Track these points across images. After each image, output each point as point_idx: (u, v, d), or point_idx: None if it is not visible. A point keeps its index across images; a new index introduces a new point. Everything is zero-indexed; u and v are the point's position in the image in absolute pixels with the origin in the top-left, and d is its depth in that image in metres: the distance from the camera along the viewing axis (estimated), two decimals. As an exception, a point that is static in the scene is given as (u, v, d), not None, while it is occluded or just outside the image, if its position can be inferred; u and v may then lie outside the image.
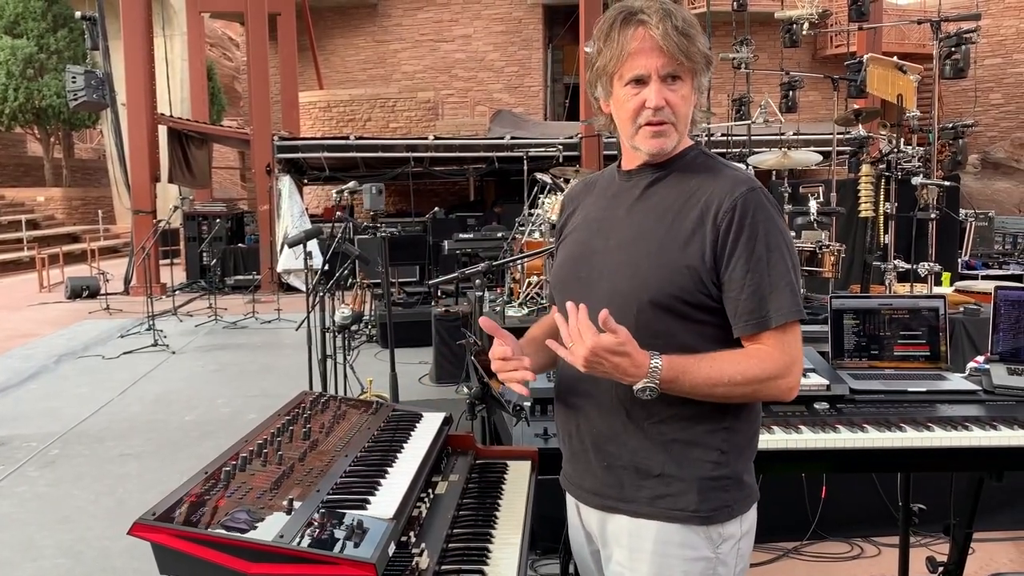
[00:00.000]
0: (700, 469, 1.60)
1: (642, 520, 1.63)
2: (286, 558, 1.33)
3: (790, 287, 1.56)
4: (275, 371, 8.34)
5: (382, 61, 22.22)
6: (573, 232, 1.79)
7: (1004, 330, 2.67)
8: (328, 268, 5.20)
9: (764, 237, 1.54)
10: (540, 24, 21.93)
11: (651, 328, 1.58)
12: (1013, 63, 22.09)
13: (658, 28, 1.55)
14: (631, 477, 1.64)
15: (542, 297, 6.67)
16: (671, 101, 1.58)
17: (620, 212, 1.68)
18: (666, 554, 1.62)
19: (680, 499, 1.60)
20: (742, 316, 1.56)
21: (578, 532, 1.82)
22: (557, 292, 1.79)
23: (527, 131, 17.21)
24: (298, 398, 2.11)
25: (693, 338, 1.59)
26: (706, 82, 1.62)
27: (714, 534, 1.61)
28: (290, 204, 14.20)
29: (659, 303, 1.57)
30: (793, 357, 1.56)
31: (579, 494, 1.76)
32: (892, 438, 2.21)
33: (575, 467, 1.76)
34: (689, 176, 1.63)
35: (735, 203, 1.55)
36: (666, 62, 1.56)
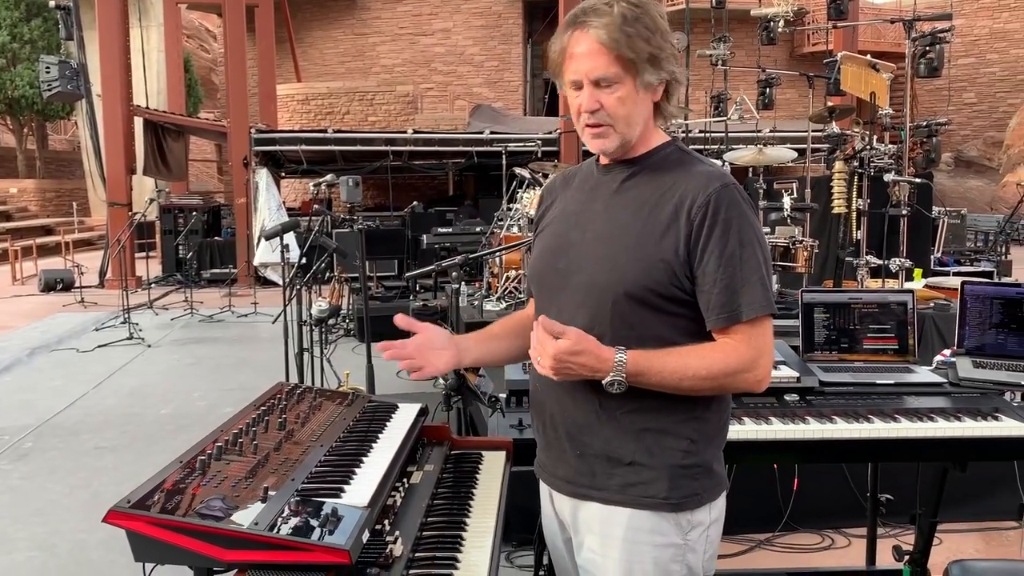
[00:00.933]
0: (671, 457, 1.64)
1: (613, 507, 1.66)
2: (261, 545, 1.35)
3: (761, 282, 1.59)
4: (252, 365, 8.31)
5: (361, 54, 22.14)
6: (551, 224, 1.81)
7: (970, 325, 2.73)
8: (305, 261, 5.19)
9: (737, 233, 1.57)
10: (520, 19, 21.93)
11: (626, 320, 1.61)
12: (986, 63, 22.39)
13: (590, 32, 1.56)
14: (603, 465, 1.67)
15: (520, 291, 6.71)
16: (605, 104, 1.59)
17: (597, 205, 1.71)
18: (636, 540, 1.65)
19: (651, 487, 1.64)
20: (714, 310, 1.58)
21: (551, 520, 1.85)
22: (534, 284, 1.82)
23: (506, 126, 17.23)
24: (274, 389, 2.12)
25: (667, 330, 1.62)
26: (655, 80, 1.60)
27: (683, 521, 1.65)
28: (267, 197, 14.12)
29: (634, 296, 1.60)
30: (760, 350, 1.58)
31: (552, 482, 1.79)
32: (860, 429, 2.25)
33: (549, 455, 1.79)
34: (665, 171, 1.66)
35: (708, 199, 1.58)
36: (594, 66, 1.57)
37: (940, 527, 3.63)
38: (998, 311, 2.71)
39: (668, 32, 1.62)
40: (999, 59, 22.51)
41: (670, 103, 1.68)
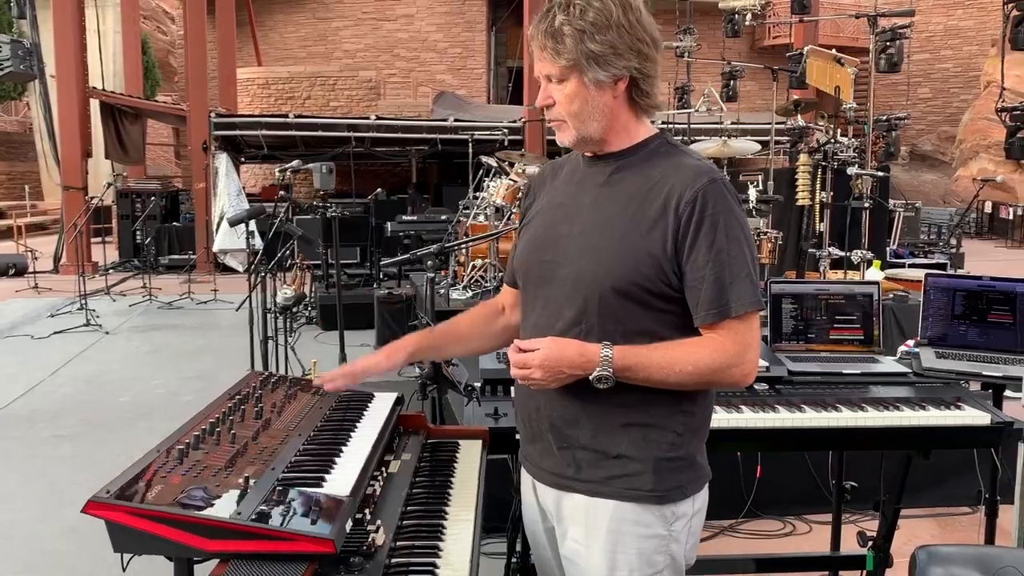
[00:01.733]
0: (657, 450, 1.65)
1: (598, 499, 1.68)
2: (244, 534, 1.34)
3: (749, 277, 1.60)
4: (212, 352, 8.21)
5: (322, 39, 21.86)
6: (538, 215, 1.81)
7: (933, 316, 2.80)
8: (269, 248, 5.14)
9: (724, 228, 1.58)
10: (484, 6, 21.83)
11: (613, 314, 1.62)
12: (940, 59, 22.81)
13: (531, 34, 1.63)
14: (589, 458, 1.68)
15: (486, 280, 6.71)
16: (557, 100, 1.64)
17: (585, 198, 1.71)
18: (621, 531, 1.66)
19: (637, 479, 1.65)
20: (703, 306, 1.59)
21: (533, 510, 1.86)
22: (520, 275, 1.81)
23: (470, 114, 17.15)
24: (247, 378, 2.10)
25: (654, 325, 1.62)
26: (604, 76, 1.60)
27: (667, 512, 1.67)
28: (227, 183, 13.93)
29: (621, 290, 1.61)
30: (746, 346, 1.59)
31: (537, 473, 1.80)
32: (828, 418, 2.30)
33: (534, 447, 1.79)
34: (653, 165, 1.66)
35: (696, 194, 1.58)
36: (540, 65, 1.64)
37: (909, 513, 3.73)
38: (960, 303, 2.78)
39: (633, 25, 1.59)
40: (953, 55, 22.95)
41: (644, 96, 1.67)
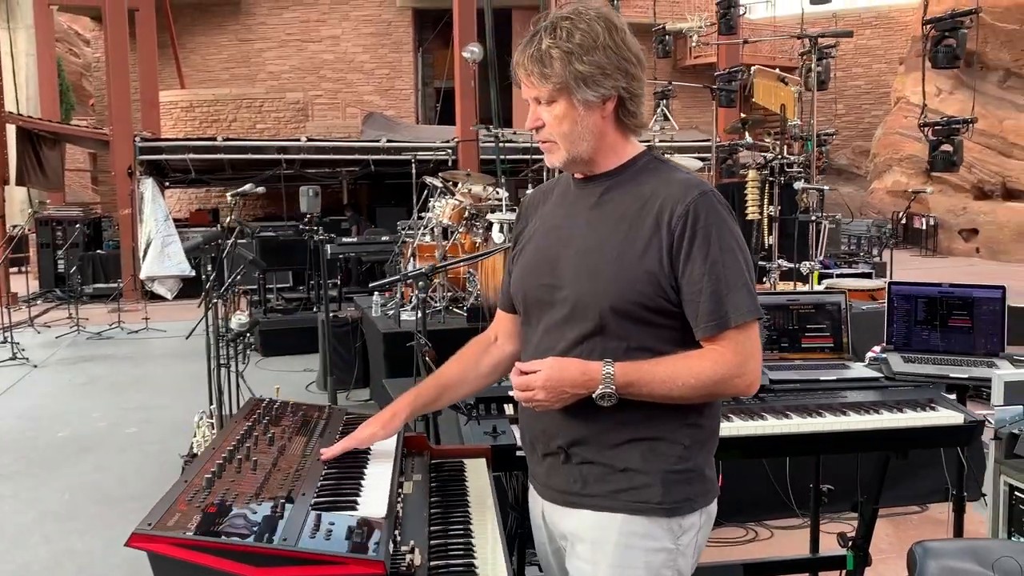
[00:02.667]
0: (664, 463, 1.66)
1: (606, 513, 1.68)
2: (294, 560, 1.33)
3: (746, 287, 1.62)
4: (150, 382, 7.98)
5: (246, 60, 21.53)
6: (532, 240, 1.82)
7: (897, 322, 2.93)
8: (219, 273, 5.04)
9: (717, 240, 1.60)
10: (410, 27, 21.83)
11: (614, 333, 1.64)
12: (852, 76, 23.75)
13: (517, 60, 1.67)
14: (597, 472, 1.68)
15: (435, 301, 6.69)
16: (546, 121, 1.67)
17: (579, 220, 1.72)
18: (630, 545, 1.66)
19: (645, 491, 1.65)
20: (702, 318, 1.61)
21: (540, 531, 1.86)
22: (519, 300, 1.82)
23: (400, 134, 17.12)
24: (249, 405, 2.07)
25: (655, 341, 1.64)
26: (593, 96, 1.62)
27: (675, 526, 1.67)
28: (153, 208, 13.57)
29: (620, 309, 1.62)
30: (747, 355, 1.61)
31: (545, 492, 1.80)
32: (813, 423, 2.38)
33: (541, 467, 1.80)
34: (642, 182, 1.68)
35: (688, 208, 1.60)
36: (527, 88, 1.67)
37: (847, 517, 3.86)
38: (922, 309, 2.92)
39: (619, 46, 1.62)
40: (863, 73, 23.93)
41: (631, 116, 1.70)
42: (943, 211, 18.38)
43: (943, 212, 18.39)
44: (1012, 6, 17.42)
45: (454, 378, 1.96)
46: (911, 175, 19.23)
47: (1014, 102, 17.98)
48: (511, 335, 1.96)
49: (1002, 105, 17.70)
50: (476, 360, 1.98)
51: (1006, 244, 17.24)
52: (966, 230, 18.20)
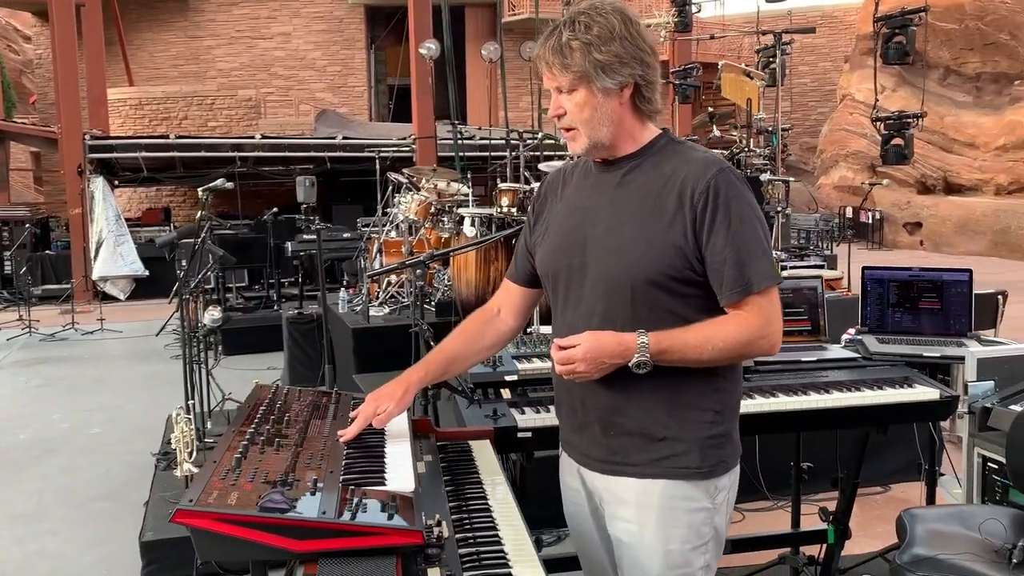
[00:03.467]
0: (699, 430, 1.77)
1: (648, 480, 1.79)
2: (335, 532, 1.37)
3: (766, 255, 1.74)
4: (110, 383, 7.86)
5: (195, 57, 21.19)
6: (555, 220, 1.91)
7: (871, 305, 3.05)
8: (188, 269, 5.01)
9: (738, 212, 1.71)
10: (362, 24, 21.70)
11: (645, 304, 1.74)
12: (798, 74, 24.23)
13: (538, 52, 1.76)
14: (637, 443, 1.79)
15: (402, 296, 6.71)
16: (568, 109, 1.76)
17: (603, 200, 1.82)
18: (673, 507, 1.78)
19: (684, 458, 1.77)
20: (727, 286, 1.72)
21: (577, 495, 1.95)
22: (548, 280, 1.91)
23: (355, 131, 17.03)
24: (256, 392, 2.09)
25: (683, 310, 1.74)
26: (612, 84, 1.72)
27: (711, 487, 1.80)
28: (104, 207, 13.33)
29: (652, 280, 1.73)
30: (770, 318, 1.74)
31: (586, 461, 1.89)
32: (799, 401, 2.49)
33: (580, 437, 1.88)
34: (663, 161, 1.78)
35: (708, 184, 1.71)
36: (548, 79, 1.77)
37: (814, 498, 4.00)
38: (894, 292, 3.04)
39: (635, 36, 1.73)
40: (809, 71, 24.47)
41: (647, 102, 1.80)
42: (888, 205, 18.89)
43: (888, 206, 18.91)
44: (951, 6, 17.99)
45: (460, 351, 2.03)
46: (857, 170, 19.73)
47: (954, 99, 18.58)
48: (515, 310, 2.06)
49: (942, 102, 18.27)
50: (480, 334, 2.06)
51: (948, 236, 17.80)
52: (910, 223, 18.74)
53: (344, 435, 1.80)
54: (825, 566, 3.05)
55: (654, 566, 1.79)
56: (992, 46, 17.77)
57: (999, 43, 17.59)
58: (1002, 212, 16.78)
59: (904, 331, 3.02)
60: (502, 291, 2.10)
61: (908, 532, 2.06)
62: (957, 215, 17.69)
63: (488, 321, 2.08)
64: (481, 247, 4.76)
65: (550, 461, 2.13)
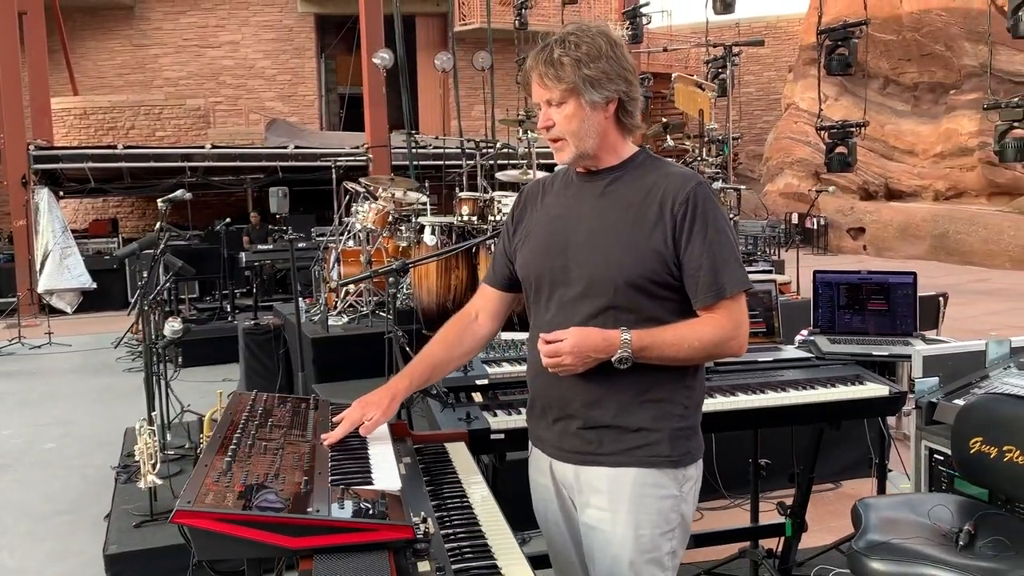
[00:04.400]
0: (671, 422, 1.89)
1: (621, 468, 1.89)
2: (329, 529, 1.43)
3: (738, 262, 1.87)
4: (62, 397, 7.72)
5: (141, 66, 20.89)
6: (537, 226, 2.01)
7: (822, 307, 3.19)
8: (149, 280, 4.98)
9: (714, 222, 1.84)
10: (312, 33, 21.61)
11: (626, 306, 1.85)
12: (744, 83, 24.71)
13: (531, 65, 1.88)
14: (612, 434, 1.89)
15: (361, 305, 6.73)
16: (556, 120, 1.88)
17: (585, 208, 1.93)
18: (644, 495, 1.88)
19: (655, 447, 1.88)
20: (701, 290, 1.84)
21: (546, 490, 2.03)
22: (530, 283, 2.00)
23: (306, 140, 16.94)
24: (238, 399, 2.13)
25: (660, 312, 1.86)
26: (599, 98, 1.84)
27: (680, 476, 1.91)
28: (50, 219, 13.08)
29: (633, 284, 1.84)
30: (739, 321, 1.87)
31: (557, 453, 1.98)
32: (757, 399, 2.60)
33: (552, 431, 1.98)
34: (644, 175, 1.91)
35: (688, 196, 1.84)
36: (539, 92, 1.89)
37: (772, 494, 4.13)
38: (843, 295, 3.19)
39: (619, 57, 1.86)
40: (755, 81, 25.00)
41: (630, 117, 1.93)
42: (832, 211, 19.38)
43: (832, 212, 19.40)
44: (889, 18, 18.56)
45: (441, 358, 2.11)
46: (802, 177, 20.20)
47: (893, 108, 19.15)
48: (493, 314, 2.15)
49: (882, 111, 18.82)
50: (459, 339, 2.13)
51: (890, 241, 18.32)
52: (854, 229, 19.25)
53: (328, 438, 1.86)
54: (783, 558, 3.17)
55: (625, 550, 1.89)
56: (928, 57, 18.38)
57: (935, 54, 18.19)
58: (940, 217, 17.34)
59: (854, 331, 3.17)
60: (479, 296, 2.18)
61: (863, 520, 2.18)
62: (898, 220, 18.22)
63: (467, 326, 2.16)
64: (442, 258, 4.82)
65: (522, 464, 2.21)
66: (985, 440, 2.15)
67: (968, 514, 2.16)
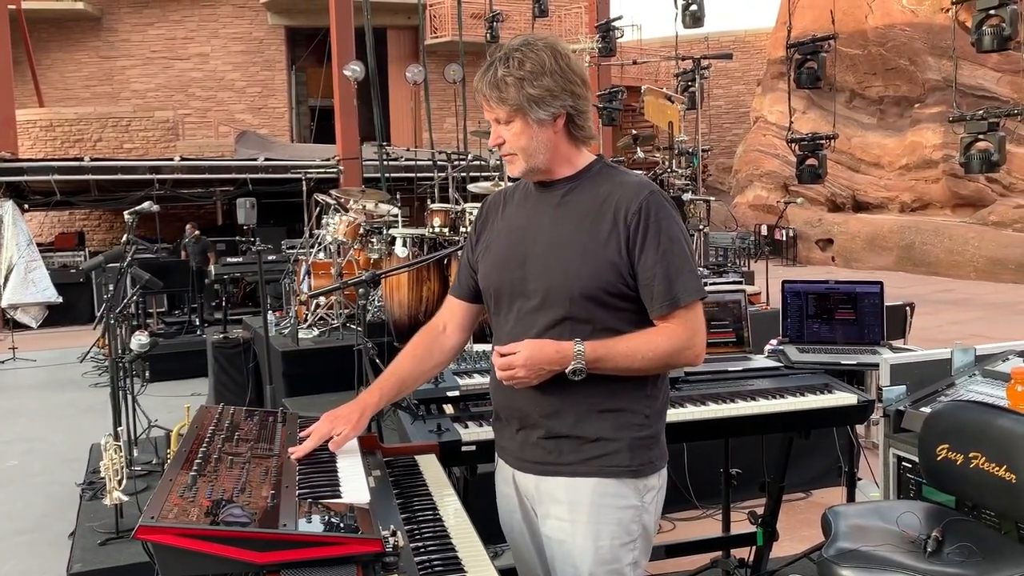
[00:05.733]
0: (630, 431, 1.88)
1: (580, 478, 1.88)
2: (297, 544, 1.41)
3: (692, 271, 1.87)
4: (26, 413, 7.59)
5: (108, 78, 20.69)
6: (496, 237, 2.01)
7: (791, 316, 3.21)
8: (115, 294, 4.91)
9: (667, 231, 1.84)
10: (283, 45, 21.54)
11: (582, 317, 1.85)
12: (713, 97, 24.95)
13: (477, 86, 1.89)
14: (571, 444, 1.88)
15: (332, 318, 6.68)
16: (506, 138, 1.89)
17: (543, 219, 1.93)
18: (603, 504, 1.87)
19: (615, 456, 1.87)
20: (656, 300, 1.84)
21: (510, 501, 2.03)
22: (490, 293, 2.00)
23: (276, 153, 16.85)
24: (202, 413, 2.09)
25: (616, 322, 1.86)
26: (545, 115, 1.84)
27: (641, 486, 1.90)
28: (15, 232, 12.86)
29: (588, 295, 1.84)
30: (695, 330, 1.86)
31: (519, 464, 1.97)
32: (728, 409, 2.61)
33: (514, 442, 1.97)
34: (598, 184, 1.91)
35: (640, 205, 1.84)
36: (487, 111, 1.90)
37: (742, 504, 4.15)
38: (812, 304, 3.21)
39: (564, 70, 1.85)
40: (724, 94, 25.27)
41: (580, 129, 1.93)
42: (801, 223, 19.60)
43: (801, 224, 19.61)
44: (855, 32, 18.85)
45: (411, 372, 2.10)
46: (771, 189, 20.41)
47: (860, 121, 19.43)
48: (460, 326, 2.14)
49: (849, 124, 19.08)
50: (428, 353, 2.12)
51: (858, 252, 18.55)
52: (822, 240, 19.47)
53: (296, 452, 1.83)
54: (755, 568, 3.18)
55: (585, 562, 1.88)
56: (893, 71, 18.68)
57: (899, 68, 18.50)
58: (906, 229, 17.59)
59: (822, 341, 3.19)
60: (445, 308, 2.17)
61: (832, 528, 2.19)
62: (865, 232, 18.46)
63: (435, 339, 2.14)
64: (413, 269, 4.80)
65: (493, 476, 2.20)
66: (952, 447, 2.18)
67: (936, 521, 2.18)
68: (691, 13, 8.24)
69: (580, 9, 21.69)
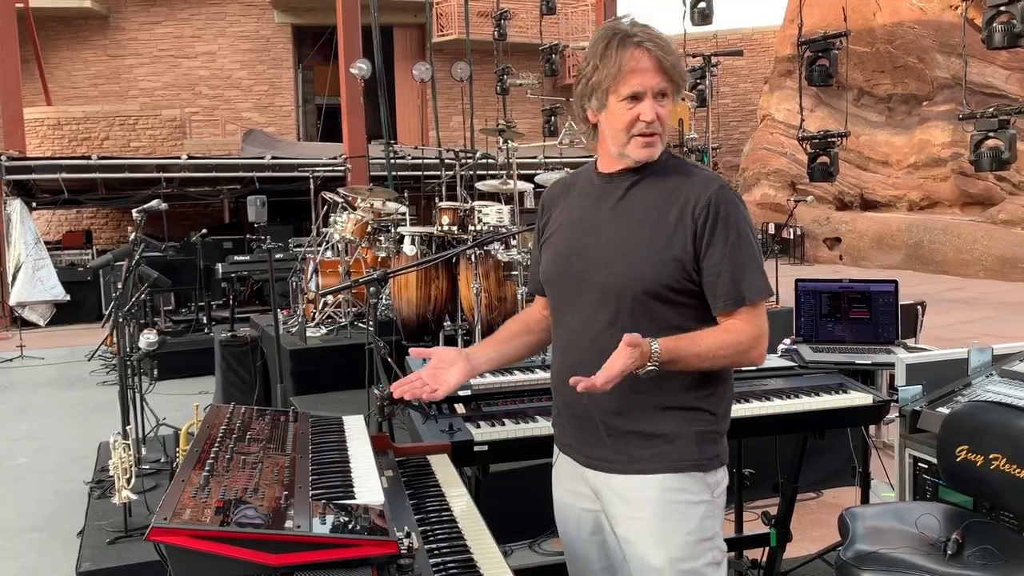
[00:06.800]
0: (696, 426, 1.85)
1: (647, 476, 1.84)
2: (311, 546, 1.39)
3: (760, 269, 1.83)
4: (35, 411, 7.59)
5: (116, 76, 20.70)
6: (559, 230, 1.97)
7: (805, 316, 3.18)
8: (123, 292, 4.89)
9: (735, 227, 1.80)
10: (290, 44, 21.52)
11: (645, 314, 1.81)
12: (721, 95, 24.87)
13: (654, 51, 1.77)
14: (638, 441, 1.85)
15: (340, 316, 6.67)
16: (660, 115, 1.81)
17: (605, 212, 1.88)
18: (674, 500, 1.83)
19: (683, 451, 1.83)
20: (721, 297, 1.80)
21: (568, 494, 2.01)
22: (550, 287, 1.97)
23: (283, 151, 16.83)
24: (216, 411, 2.08)
25: (680, 319, 1.82)
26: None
27: (710, 480, 1.86)
28: (22, 230, 12.92)
29: (651, 292, 1.80)
30: (761, 329, 1.82)
31: (587, 461, 1.94)
32: (743, 408, 2.58)
33: (580, 439, 1.94)
34: (665, 177, 1.86)
35: (709, 200, 1.80)
36: (660, 81, 1.79)
37: (755, 504, 4.12)
38: (826, 303, 3.18)
39: None
40: (730, 92, 25.16)
41: None
42: (808, 221, 19.51)
43: (808, 222, 19.53)
44: (863, 30, 18.77)
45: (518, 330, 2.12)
46: (778, 188, 20.34)
47: (867, 119, 19.34)
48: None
49: (857, 122, 18.98)
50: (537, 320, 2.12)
51: (866, 251, 18.47)
52: (830, 239, 19.38)
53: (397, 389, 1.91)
54: (768, 569, 3.15)
55: (657, 560, 1.83)
56: (902, 69, 18.59)
57: (908, 66, 18.41)
58: (915, 227, 17.51)
59: (836, 340, 3.16)
60: (535, 305, 2.15)
61: (850, 529, 2.16)
62: (873, 230, 18.37)
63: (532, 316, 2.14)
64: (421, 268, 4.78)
65: (506, 475, 2.18)
66: (972, 448, 2.15)
67: (955, 523, 2.15)
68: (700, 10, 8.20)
69: (587, 7, 21.64)
